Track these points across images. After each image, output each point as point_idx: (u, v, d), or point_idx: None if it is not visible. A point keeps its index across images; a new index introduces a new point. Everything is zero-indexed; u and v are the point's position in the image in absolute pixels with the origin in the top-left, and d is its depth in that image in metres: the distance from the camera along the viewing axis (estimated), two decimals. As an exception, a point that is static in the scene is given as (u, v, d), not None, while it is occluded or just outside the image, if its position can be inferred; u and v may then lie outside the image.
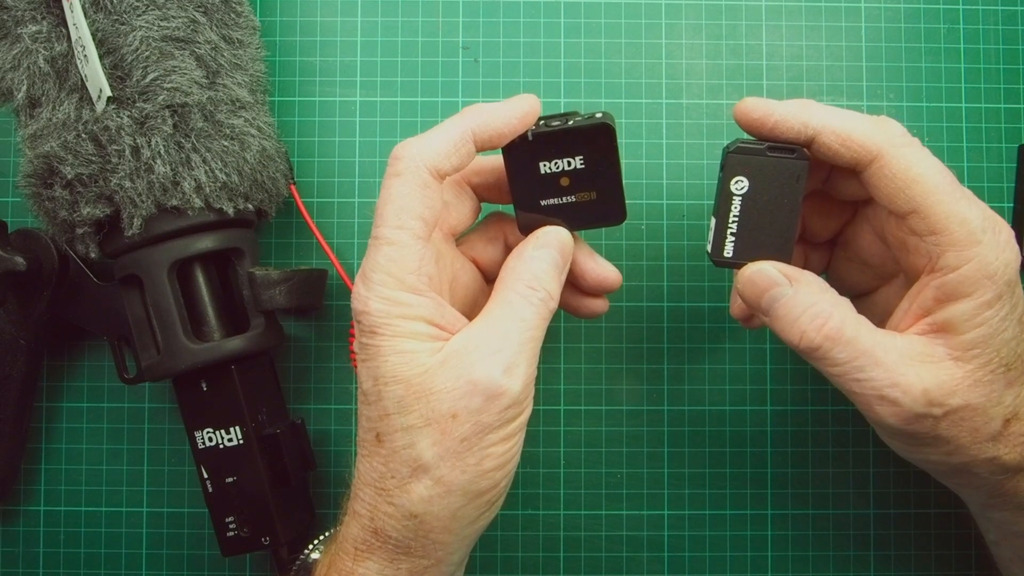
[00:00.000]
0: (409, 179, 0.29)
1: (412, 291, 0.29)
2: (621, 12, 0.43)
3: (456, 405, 0.28)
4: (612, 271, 0.35)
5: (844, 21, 0.43)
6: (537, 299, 0.30)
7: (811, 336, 0.29)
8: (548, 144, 0.32)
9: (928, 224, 0.28)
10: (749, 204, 0.31)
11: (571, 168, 0.32)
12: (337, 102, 0.43)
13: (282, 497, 0.38)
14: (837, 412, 0.42)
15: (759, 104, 0.30)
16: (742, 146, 0.31)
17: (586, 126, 0.31)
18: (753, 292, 0.31)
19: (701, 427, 0.42)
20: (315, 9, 0.43)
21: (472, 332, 0.30)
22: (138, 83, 0.34)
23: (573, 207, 0.33)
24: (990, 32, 0.43)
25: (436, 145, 0.30)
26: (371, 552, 0.30)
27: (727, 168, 0.31)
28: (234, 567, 0.42)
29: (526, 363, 0.29)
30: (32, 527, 0.42)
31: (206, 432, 0.37)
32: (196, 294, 0.38)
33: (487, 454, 0.29)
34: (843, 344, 0.28)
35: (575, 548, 0.42)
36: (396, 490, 0.29)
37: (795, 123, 0.30)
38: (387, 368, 0.29)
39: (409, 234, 0.29)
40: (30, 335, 0.39)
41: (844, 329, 0.29)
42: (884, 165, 0.29)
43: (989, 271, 0.28)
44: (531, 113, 0.31)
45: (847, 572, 0.42)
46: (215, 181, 0.36)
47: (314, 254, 0.42)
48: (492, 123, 0.31)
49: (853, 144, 0.29)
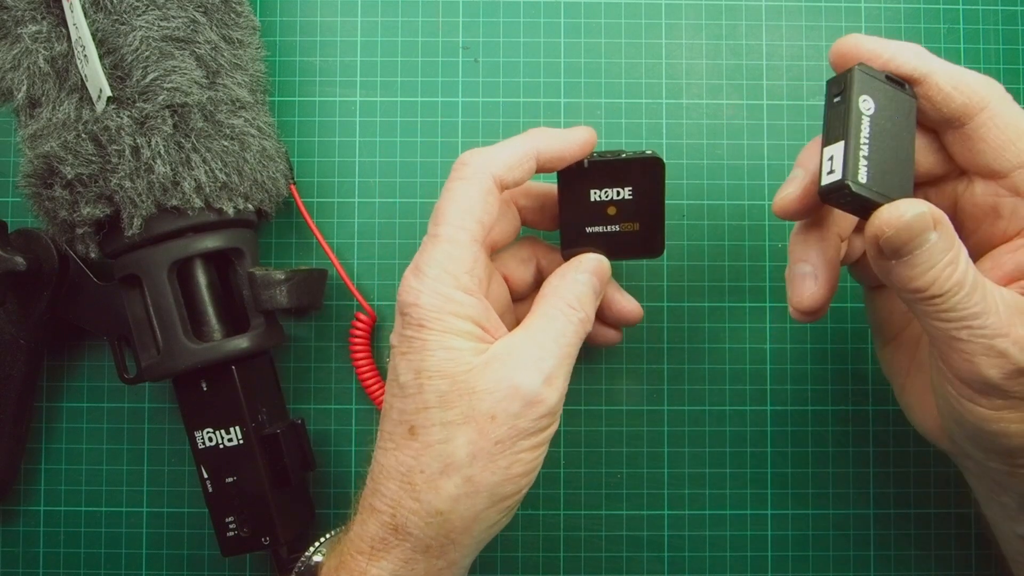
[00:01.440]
0: (476, 184, 0.31)
1: (465, 290, 0.30)
2: (621, 12, 0.43)
3: (496, 407, 0.29)
4: (635, 306, 0.37)
5: (844, 21, 0.43)
6: (577, 319, 0.31)
7: (942, 283, 0.27)
8: (602, 172, 0.34)
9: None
10: (876, 128, 0.28)
11: (619, 198, 0.34)
12: (337, 102, 0.43)
13: (282, 497, 0.38)
14: (837, 412, 0.42)
15: (870, 39, 0.29)
16: (871, 71, 0.28)
17: (638, 159, 0.34)
18: (906, 235, 0.27)
19: (701, 427, 0.42)
20: (315, 9, 0.43)
21: (516, 340, 0.31)
22: (138, 83, 0.34)
23: (616, 237, 0.35)
24: (990, 32, 0.43)
25: (504, 157, 0.31)
26: (388, 551, 0.30)
27: (855, 85, 0.28)
28: (234, 567, 0.42)
29: (563, 377, 0.31)
30: (32, 527, 0.42)
31: (206, 432, 0.37)
32: (196, 294, 0.38)
33: (517, 459, 0.30)
34: (968, 290, 0.27)
35: (575, 548, 0.42)
36: (424, 485, 0.29)
37: (911, 59, 0.29)
38: (433, 362, 0.29)
39: (469, 235, 0.30)
40: (30, 335, 0.39)
41: (969, 275, 0.27)
42: (996, 115, 0.28)
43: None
44: (590, 142, 0.33)
45: (847, 572, 0.42)
46: (215, 181, 0.36)
47: (314, 254, 0.42)
48: (555, 146, 0.32)
49: (966, 88, 0.28)
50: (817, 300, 0.30)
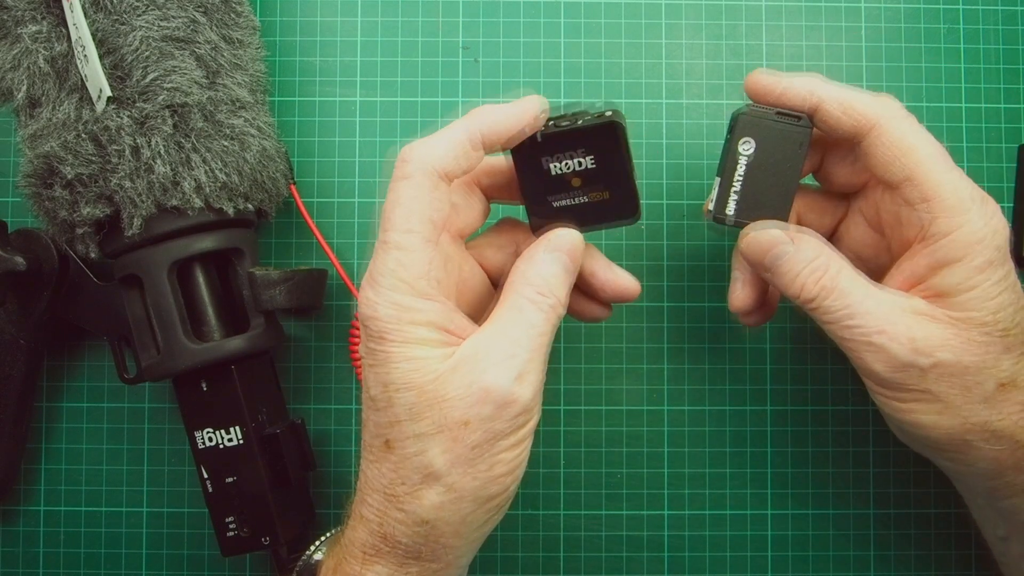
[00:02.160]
0: (418, 182, 0.29)
1: (422, 296, 0.29)
2: (621, 12, 0.43)
3: (468, 412, 0.28)
4: (631, 281, 0.35)
5: (844, 21, 0.43)
6: (547, 305, 0.30)
7: (809, 288, 0.31)
8: (557, 145, 0.32)
9: (921, 191, 0.30)
10: (754, 166, 0.32)
11: (582, 168, 0.32)
12: (337, 102, 0.43)
13: (282, 497, 0.38)
14: (837, 412, 0.42)
15: (769, 74, 0.32)
16: (753, 109, 0.32)
17: (593, 125, 0.31)
18: (758, 251, 0.32)
19: (701, 427, 0.42)
20: (315, 9, 0.43)
21: (482, 338, 0.29)
22: (138, 83, 0.34)
23: (586, 207, 0.33)
24: (990, 32, 0.43)
25: (444, 148, 0.30)
26: (380, 557, 0.30)
27: (737, 129, 0.32)
28: (234, 567, 0.42)
29: (536, 370, 0.29)
30: (32, 527, 0.42)
31: (206, 432, 0.37)
32: (196, 294, 0.38)
33: (497, 460, 0.29)
34: (837, 294, 0.30)
35: (575, 548, 0.42)
36: (406, 496, 0.29)
37: (801, 91, 0.31)
38: (398, 374, 0.29)
39: (418, 238, 0.29)
40: (30, 335, 0.39)
41: (839, 280, 0.30)
42: (882, 133, 0.30)
43: (979, 236, 0.29)
44: (539, 115, 0.31)
45: (847, 572, 0.42)
46: (215, 181, 0.36)
47: (314, 254, 0.42)
48: (500, 125, 0.30)
49: (855, 112, 0.31)
50: (744, 301, 0.35)
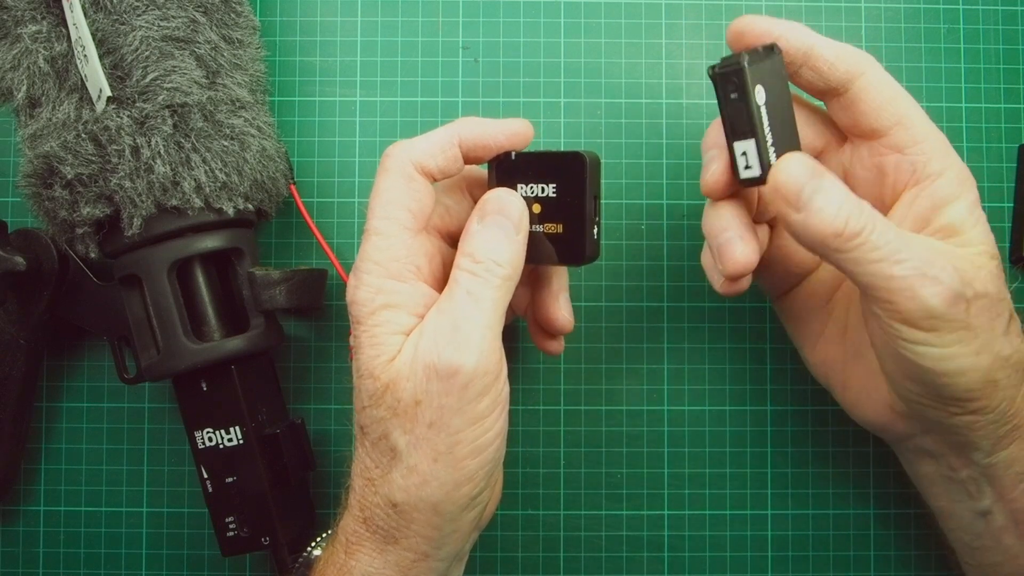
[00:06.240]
0: (395, 173, 0.31)
1: (396, 278, 0.30)
2: (621, 12, 0.43)
3: (417, 391, 0.29)
4: (563, 316, 0.35)
5: (844, 21, 0.43)
6: (483, 270, 0.30)
7: (855, 219, 0.27)
8: (527, 166, 0.32)
9: (912, 134, 0.30)
10: (770, 111, 0.30)
11: (544, 195, 0.32)
12: (337, 102, 0.43)
13: (282, 497, 0.38)
14: (837, 412, 0.42)
15: (760, 21, 0.31)
16: (739, 58, 0.29)
17: (562, 152, 0.32)
18: (795, 186, 0.28)
19: (701, 427, 0.42)
20: (315, 9, 0.43)
21: (429, 316, 0.30)
22: (138, 83, 0.34)
23: (538, 238, 0.32)
24: (990, 32, 0.43)
25: (423, 145, 0.31)
26: (361, 543, 0.31)
27: (751, 80, 0.29)
28: (234, 567, 0.42)
29: (484, 337, 0.29)
30: (32, 527, 0.42)
31: (206, 432, 0.37)
32: (196, 294, 0.38)
33: (457, 440, 0.29)
34: (884, 227, 0.28)
35: (575, 548, 0.42)
36: (380, 479, 0.30)
37: (800, 37, 0.31)
38: (363, 360, 0.30)
39: (396, 224, 0.30)
40: (30, 335, 0.39)
41: (877, 216, 0.28)
42: (872, 79, 0.30)
43: (966, 173, 0.31)
44: (520, 134, 0.32)
45: (847, 572, 0.42)
46: (215, 181, 0.36)
47: (314, 254, 0.42)
48: (479, 134, 0.32)
49: (847, 57, 0.31)
50: (750, 256, 0.31)
